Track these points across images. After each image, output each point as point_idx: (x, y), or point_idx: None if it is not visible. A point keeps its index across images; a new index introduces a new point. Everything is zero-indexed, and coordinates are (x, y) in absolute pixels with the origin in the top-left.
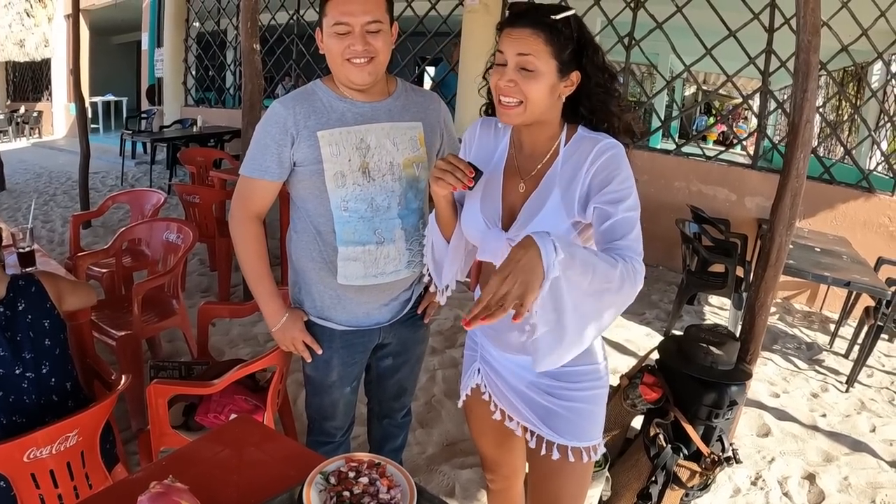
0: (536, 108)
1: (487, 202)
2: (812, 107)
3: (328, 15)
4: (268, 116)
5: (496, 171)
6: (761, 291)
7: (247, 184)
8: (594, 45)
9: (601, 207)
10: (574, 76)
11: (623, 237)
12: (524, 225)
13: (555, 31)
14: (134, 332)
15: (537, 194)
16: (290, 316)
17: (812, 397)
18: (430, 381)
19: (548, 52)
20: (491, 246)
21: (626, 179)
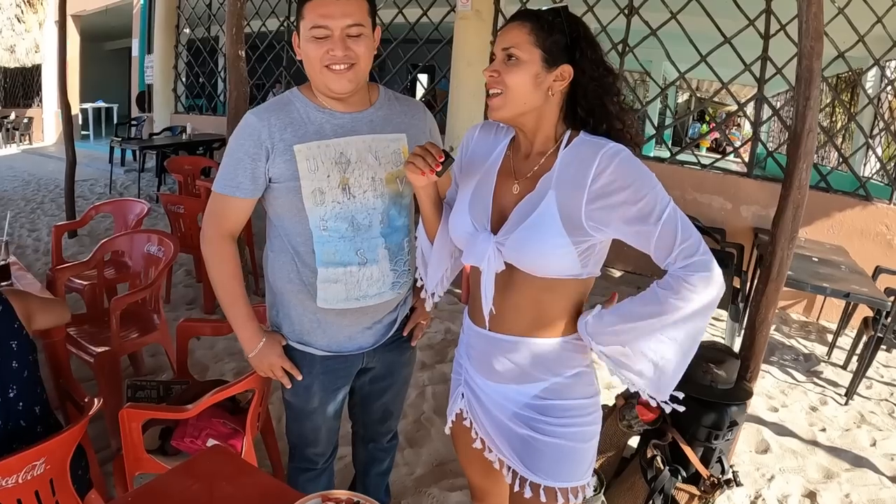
0: (517, 96)
1: (477, 203)
2: (815, 115)
3: (305, 18)
4: (241, 128)
5: (490, 171)
6: (762, 307)
7: (219, 201)
8: (590, 40)
9: (636, 229)
10: (565, 70)
11: (673, 248)
12: (515, 227)
13: (540, 21)
14: (112, 348)
15: (531, 196)
16: (267, 341)
17: (811, 411)
18: (420, 397)
19: (530, 42)
20: (478, 249)
21: (644, 185)
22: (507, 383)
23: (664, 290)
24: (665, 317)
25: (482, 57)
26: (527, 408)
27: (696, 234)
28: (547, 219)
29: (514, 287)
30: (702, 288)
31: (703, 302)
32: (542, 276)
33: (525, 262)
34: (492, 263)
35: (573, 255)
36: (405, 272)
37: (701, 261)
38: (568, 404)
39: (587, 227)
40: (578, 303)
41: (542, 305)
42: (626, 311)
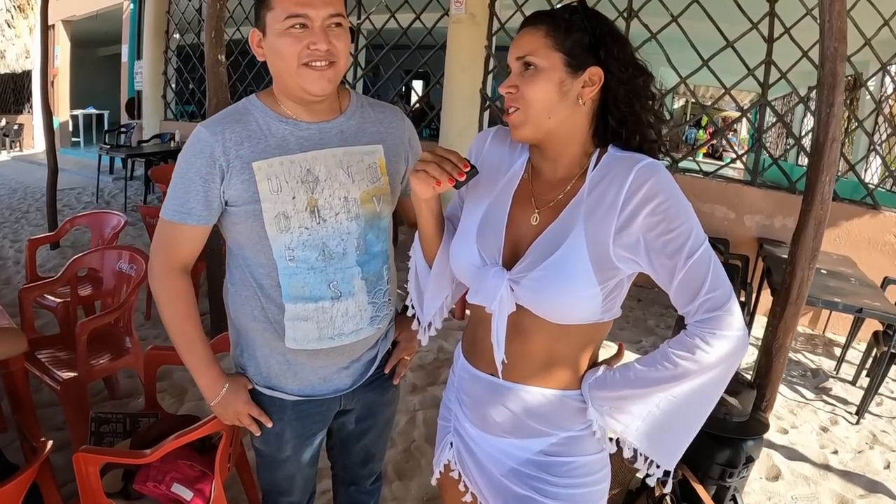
0: (541, 110)
1: (487, 233)
2: (838, 123)
3: (276, 8)
4: (191, 144)
5: (504, 194)
6: (780, 331)
7: (168, 230)
8: (616, 36)
9: (661, 262)
10: (594, 73)
11: (698, 292)
12: (535, 265)
13: (556, 20)
14: (79, 375)
15: (555, 229)
16: (230, 386)
17: (822, 431)
18: (410, 424)
19: (548, 45)
20: (488, 286)
21: (681, 212)
22: (505, 437)
23: (677, 351)
24: (675, 383)
25: (476, 62)
26: (528, 464)
27: (726, 286)
28: (573, 258)
29: (523, 331)
30: (721, 350)
31: (720, 366)
32: (559, 322)
33: (542, 307)
34: (504, 304)
35: (598, 300)
36: (385, 304)
37: (725, 318)
38: (575, 462)
39: (614, 258)
40: (596, 348)
41: (554, 353)
42: (633, 376)
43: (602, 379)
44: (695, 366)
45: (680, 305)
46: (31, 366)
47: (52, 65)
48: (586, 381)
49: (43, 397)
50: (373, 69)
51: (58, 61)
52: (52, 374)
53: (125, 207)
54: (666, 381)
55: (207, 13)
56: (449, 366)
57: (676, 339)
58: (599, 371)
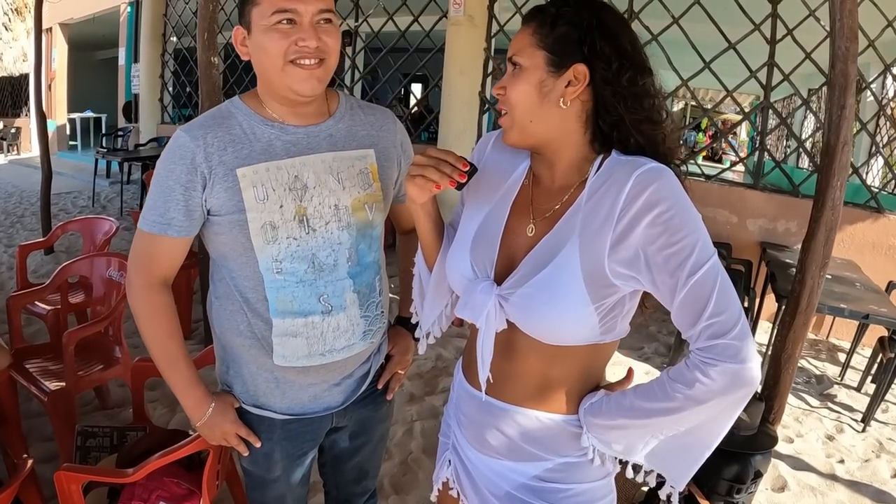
0: (520, 113)
1: (482, 243)
2: (850, 126)
3: (262, 3)
4: (170, 150)
5: (503, 203)
6: (789, 342)
7: (146, 242)
8: (608, 27)
9: (663, 280)
10: (579, 71)
11: (700, 316)
12: (524, 280)
13: (543, 14)
14: (66, 387)
15: (548, 241)
16: (216, 406)
17: (827, 440)
18: (407, 435)
19: (533, 43)
20: (476, 300)
21: (684, 223)
22: (500, 458)
23: (674, 383)
24: (674, 416)
25: (475, 64)
26: (523, 489)
27: (734, 309)
28: (564, 275)
29: (516, 350)
30: (723, 384)
31: (724, 402)
32: (552, 343)
33: (531, 326)
34: (491, 320)
35: (594, 320)
36: (378, 317)
37: (730, 346)
38: (573, 490)
39: (610, 274)
40: (597, 371)
41: (549, 374)
42: (629, 405)
43: (598, 405)
44: (692, 401)
45: (682, 329)
46: (19, 376)
47: (50, 68)
48: (583, 405)
49: (33, 407)
50: (371, 72)
51: (55, 64)
52: (39, 385)
53: (121, 212)
54: (662, 413)
55: (199, 14)
56: (448, 374)
57: (676, 368)
58: (596, 396)
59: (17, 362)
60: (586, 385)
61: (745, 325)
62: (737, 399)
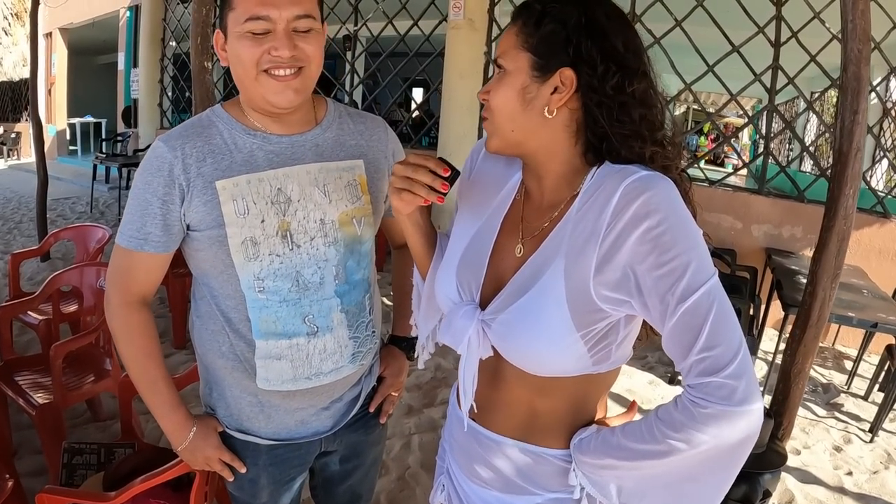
0: (501, 121)
1: (469, 262)
2: (863, 131)
3: (236, 8)
4: (148, 161)
5: (493, 219)
6: (799, 356)
7: (123, 257)
8: (598, 23)
9: (654, 305)
10: (566, 76)
11: (690, 349)
12: (505, 306)
13: (530, 13)
14: (54, 401)
15: (533, 263)
16: (198, 430)
17: (835, 451)
18: (405, 448)
19: (518, 44)
20: (457, 325)
21: (676, 240)
22: (489, 489)
23: (661, 424)
24: (664, 461)
25: (475, 68)
26: None
27: (732, 342)
28: (546, 301)
29: (503, 379)
30: (715, 430)
31: (718, 449)
32: (537, 374)
33: (513, 356)
34: (473, 348)
35: (580, 350)
36: (369, 337)
37: (723, 386)
38: None
39: (597, 298)
40: (592, 403)
41: (538, 406)
42: (616, 444)
43: (587, 441)
44: (682, 445)
45: (675, 360)
46: (7, 388)
47: (50, 73)
48: (573, 440)
49: (25, 418)
50: (370, 77)
51: (55, 69)
52: (27, 399)
53: (119, 218)
54: (650, 456)
55: (193, 19)
56: (447, 385)
57: (665, 407)
58: (587, 432)
59: (7, 375)
60: (579, 418)
61: (745, 362)
62: (734, 446)
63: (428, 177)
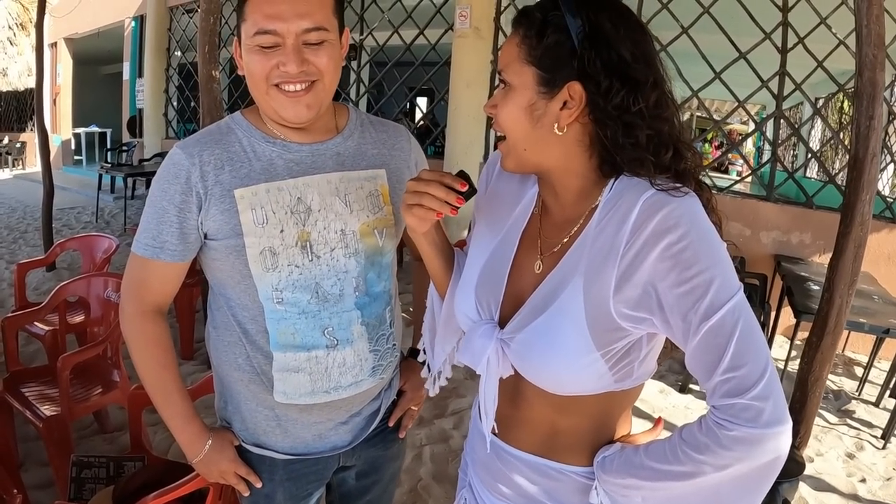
0: (512, 140)
1: (488, 280)
2: (878, 137)
3: (247, 20)
4: (165, 169)
5: (511, 234)
6: (816, 363)
7: (139, 266)
8: (605, 32)
9: (676, 324)
10: (574, 90)
11: (714, 369)
12: (523, 325)
13: (531, 22)
14: (61, 413)
15: (552, 281)
16: (214, 443)
17: (848, 458)
18: (416, 460)
19: (521, 57)
20: (475, 345)
21: (699, 256)
22: None
23: (685, 445)
24: (688, 482)
25: (482, 77)
26: None
27: (758, 361)
28: (564, 320)
29: (523, 397)
30: (741, 452)
31: (744, 472)
32: (558, 394)
33: (532, 374)
34: (493, 368)
35: (601, 368)
36: (389, 351)
37: (749, 407)
38: None
39: (617, 317)
40: (614, 420)
41: (559, 423)
42: (639, 463)
43: (611, 459)
44: (708, 467)
45: (700, 380)
46: (14, 400)
47: (55, 83)
48: (597, 457)
49: (31, 430)
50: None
51: (60, 79)
52: (34, 411)
53: (125, 227)
54: (674, 477)
55: (200, 28)
56: (457, 396)
57: (689, 428)
58: (611, 450)
59: (13, 386)
60: (602, 435)
61: (773, 382)
62: (761, 468)
63: (441, 191)
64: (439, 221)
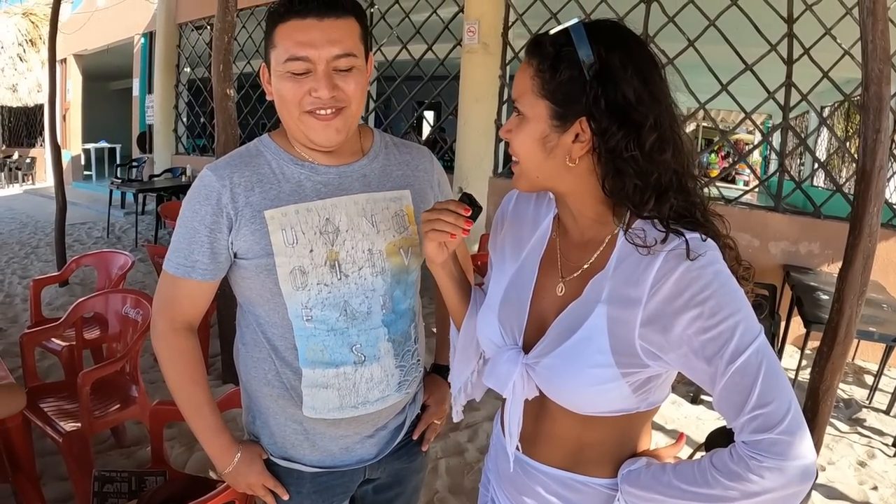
0: (526, 167)
1: (510, 304)
2: (885, 149)
3: (278, 46)
4: (196, 190)
5: (531, 258)
6: (827, 373)
7: (170, 284)
8: (612, 71)
9: (702, 367)
10: (586, 125)
11: (742, 409)
12: (549, 349)
13: (544, 53)
14: (82, 427)
15: (576, 307)
16: (243, 455)
17: (859, 466)
18: (432, 473)
19: (534, 88)
20: (500, 370)
21: (722, 304)
22: None
23: (716, 472)
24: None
25: (491, 92)
26: None
27: (784, 398)
28: (591, 345)
29: (549, 413)
30: (772, 483)
31: (771, 500)
32: (583, 413)
33: (560, 398)
34: (518, 391)
35: (624, 391)
36: (414, 366)
37: (778, 442)
38: None
39: (641, 352)
40: (637, 434)
41: (585, 438)
42: (667, 482)
43: (636, 473)
44: (735, 493)
45: (726, 419)
46: (33, 416)
47: (65, 98)
48: (622, 470)
49: (48, 444)
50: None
51: (70, 95)
52: (54, 426)
53: (136, 243)
54: (702, 499)
55: (214, 46)
56: (472, 409)
57: (720, 455)
58: (637, 463)
59: (32, 401)
60: (625, 448)
61: (798, 416)
62: (788, 497)
63: (451, 216)
64: (455, 255)
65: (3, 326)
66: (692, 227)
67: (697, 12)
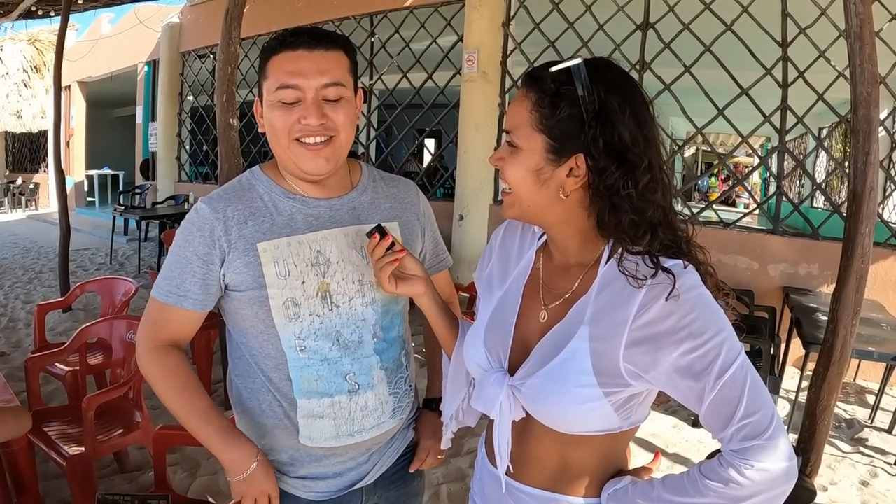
0: (521, 197)
1: (495, 330)
2: (876, 171)
3: (269, 77)
4: (190, 221)
5: (515, 286)
6: (824, 393)
7: (158, 310)
8: (609, 112)
9: (686, 384)
10: (580, 161)
11: (730, 421)
12: (533, 371)
13: (544, 89)
14: (85, 452)
15: (559, 330)
16: (261, 462)
17: (862, 486)
18: (434, 498)
19: (531, 122)
20: (487, 393)
21: (707, 325)
22: None
23: (706, 479)
24: None
25: (490, 120)
26: None
27: (767, 407)
28: (574, 365)
29: (533, 434)
30: (760, 484)
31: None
32: (567, 433)
33: (544, 418)
34: (505, 413)
35: (607, 410)
36: (407, 392)
37: (765, 447)
38: None
39: (625, 373)
40: (619, 454)
41: (569, 458)
42: (655, 496)
43: (623, 492)
44: (727, 499)
45: (713, 431)
46: (37, 440)
47: (69, 125)
48: (606, 490)
49: (52, 468)
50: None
51: (73, 122)
52: (58, 449)
53: (139, 269)
54: None
55: (218, 76)
56: (473, 434)
57: (709, 465)
58: (621, 483)
59: (36, 425)
60: (608, 467)
61: (779, 423)
62: (778, 494)
63: (380, 253)
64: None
65: (7, 351)
66: (676, 256)
67: (693, 38)
